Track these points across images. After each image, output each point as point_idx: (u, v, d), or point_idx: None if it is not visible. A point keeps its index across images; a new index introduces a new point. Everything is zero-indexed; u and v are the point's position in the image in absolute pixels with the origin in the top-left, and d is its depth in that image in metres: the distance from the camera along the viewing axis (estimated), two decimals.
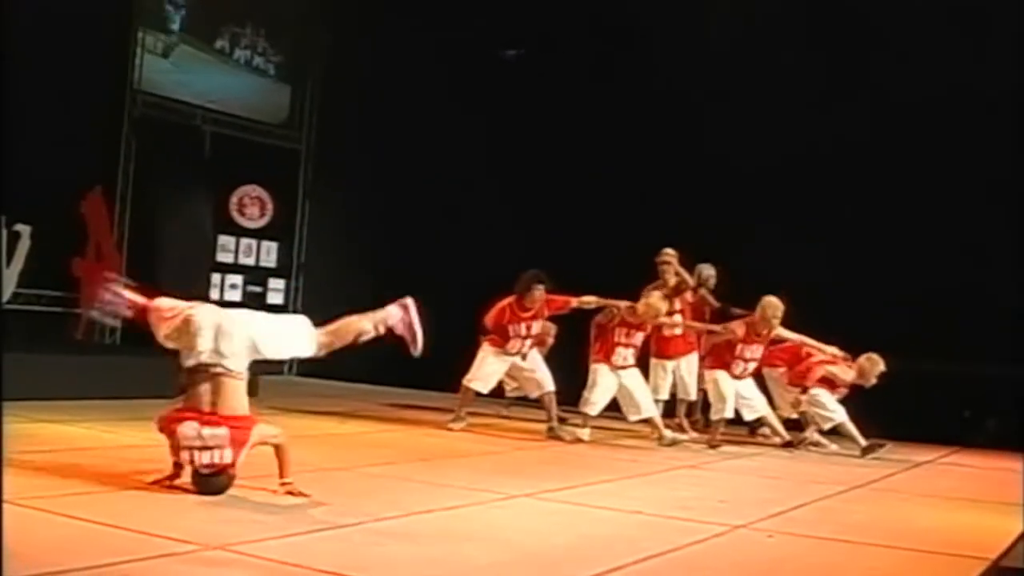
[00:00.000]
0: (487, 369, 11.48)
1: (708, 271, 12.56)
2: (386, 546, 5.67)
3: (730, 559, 6.12)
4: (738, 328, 11.39)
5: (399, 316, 7.42)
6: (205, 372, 6.65)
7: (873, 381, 11.31)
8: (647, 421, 11.34)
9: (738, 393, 11.48)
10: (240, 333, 6.78)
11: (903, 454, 11.45)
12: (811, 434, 11.59)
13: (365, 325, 7.33)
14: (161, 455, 6.91)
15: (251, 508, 6.33)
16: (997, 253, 13.11)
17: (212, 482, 6.55)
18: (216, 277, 15.99)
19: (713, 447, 11.14)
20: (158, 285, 14.44)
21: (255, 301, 16.41)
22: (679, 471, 9.50)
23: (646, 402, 11.28)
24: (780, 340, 11.60)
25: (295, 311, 16.87)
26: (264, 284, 16.69)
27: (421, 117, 16.57)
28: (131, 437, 8.78)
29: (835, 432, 11.66)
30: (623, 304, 11.18)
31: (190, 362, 6.69)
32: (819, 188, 13.96)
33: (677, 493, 8.21)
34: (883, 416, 11.65)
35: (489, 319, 11.47)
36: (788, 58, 14.30)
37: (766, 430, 12.09)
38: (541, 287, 11.18)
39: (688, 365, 12.29)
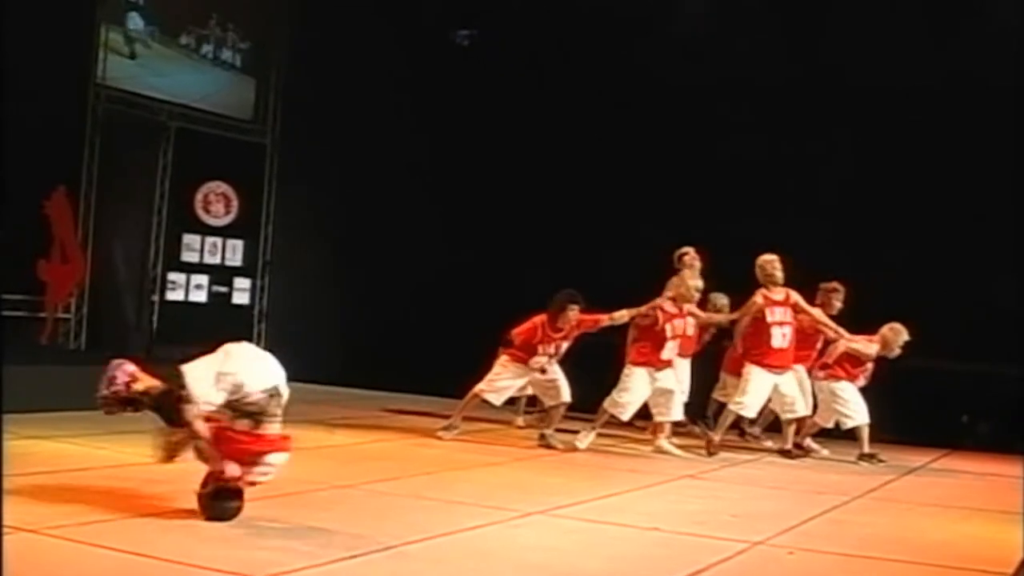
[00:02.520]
0: (503, 383, 11.73)
1: (722, 300, 12.66)
2: (424, 572, 5.96)
3: None
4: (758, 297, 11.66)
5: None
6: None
7: (897, 351, 11.60)
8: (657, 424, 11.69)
9: (778, 389, 11.72)
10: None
11: (895, 458, 11.87)
12: (809, 442, 11.93)
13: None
14: (164, 474, 7.21)
15: (277, 534, 6.57)
16: (991, 251, 13.54)
17: (226, 507, 6.77)
18: (180, 277, 16.10)
19: (711, 454, 11.44)
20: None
21: (221, 301, 16.62)
22: (680, 481, 9.85)
23: (677, 405, 11.62)
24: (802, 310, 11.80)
25: (261, 311, 17.08)
26: (230, 284, 16.84)
27: (387, 108, 16.78)
28: (126, 454, 8.98)
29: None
30: (666, 304, 11.46)
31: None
32: (812, 181, 14.36)
33: (686, 507, 8.54)
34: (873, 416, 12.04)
35: (518, 335, 11.64)
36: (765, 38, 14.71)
37: (756, 430, 12.50)
38: (576, 308, 11.40)
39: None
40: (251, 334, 16.49)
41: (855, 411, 11.69)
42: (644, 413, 11.95)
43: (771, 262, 11.75)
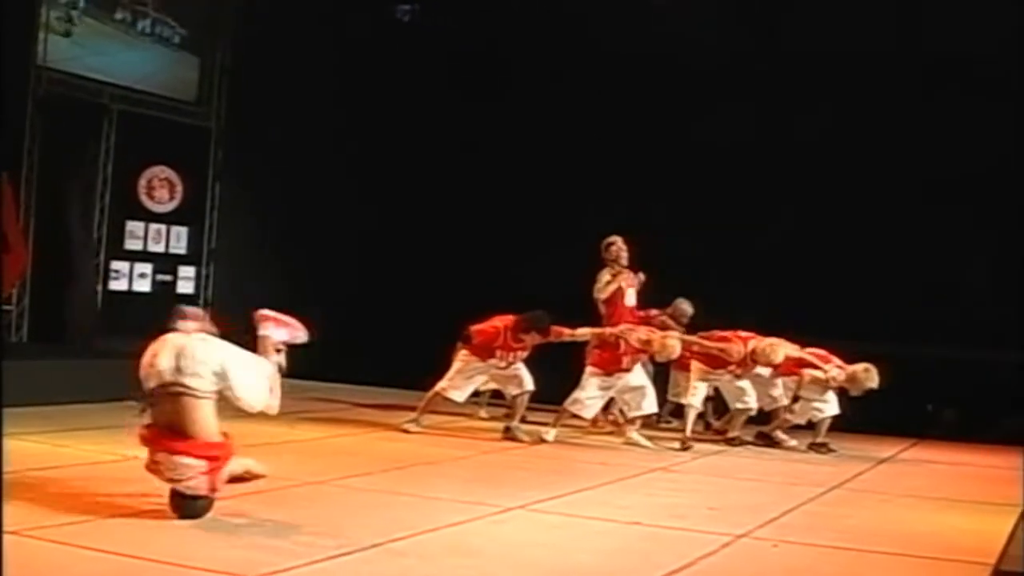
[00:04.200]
0: (464, 379, 11.90)
1: (685, 307, 12.99)
2: (416, 570, 6.15)
3: (746, 572, 6.71)
4: (734, 351, 11.91)
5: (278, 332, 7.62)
6: (167, 394, 6.91)
7: (857, 393, 11.84)
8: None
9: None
10: (206, 355, 7.04)
11: (863, 448, 12.23)
12: (780, 434, 12.22)
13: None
14: (130, 472, 7.44)
15: (259, 532, 6.73)
16: (955, 235, 13.88)
17: (192, 506, 6.92)
18: (124, 266, 16.10)
19: (685, 448, 11.65)
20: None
21: (165, 290, 16.64)
22: (654, 474, 10.10)
23: (648, 399, 11.88)
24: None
25: (205, 301, 17.09)
26: (174, 272, 16.85)
27: (333, 87, 16.86)
28: (89, 452, 9.15)
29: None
30: (631, 336, 11.66)
31: (151, 384, 6.93)
32: (780, 171, 14.63)
33: (664, 500, 8.80)
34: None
35: (478, 333, 11.84)
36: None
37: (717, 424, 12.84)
38: (537, 336, 11.67)
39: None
40: None
41: (825, 402, 12.05)
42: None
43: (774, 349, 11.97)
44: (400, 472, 9.38)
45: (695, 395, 12.12)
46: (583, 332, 11.86)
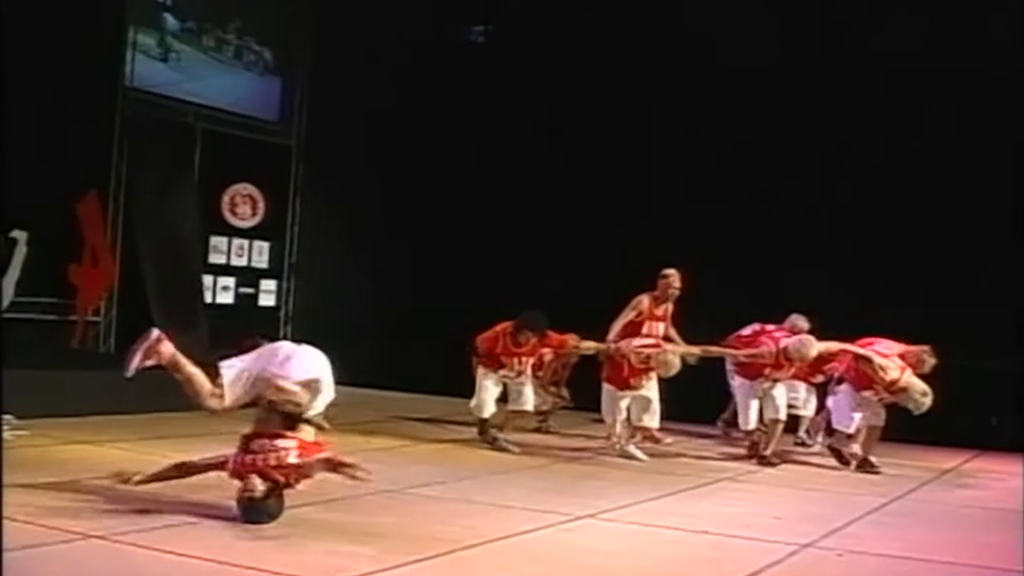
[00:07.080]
0: (485, 395, 11.69)
1: (802, 323, 12.17)
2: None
3: None
4: (765, 351, 11.50)
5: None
6: None
7: (903, 405, 11.24)
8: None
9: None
10: None
11: (925, 460, 12.05)
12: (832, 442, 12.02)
13: None
14: (211, 479, 7.52)
15: (337, 538, 6.78)
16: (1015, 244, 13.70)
17: (261, 509, 7.04)
18: (208, 279, 16.31)
19: (773, 463, 11.30)
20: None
21: (247, 303, 16.84)
22: (720, 484, 10.09)
23: (650, 414, 11.58)
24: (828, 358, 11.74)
25: (286, 314, 17.28)
26: (256, 286, 17.05)
27: (408, 107, 16.94)
28: (173, 459, 9.19)
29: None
30: (632, 357, 11.34)
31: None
32: (824, 180, 14.56)
33: (730, 509, 8.77)
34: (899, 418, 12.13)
35: (481, 342, 11.71)
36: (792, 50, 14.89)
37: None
38: (530, 336, 11.49)
39: None
40: (277, 336, 16.63)
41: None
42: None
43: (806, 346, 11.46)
44: (472, 481, 9.43)
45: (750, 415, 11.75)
46: (588, 345, 11.77)
